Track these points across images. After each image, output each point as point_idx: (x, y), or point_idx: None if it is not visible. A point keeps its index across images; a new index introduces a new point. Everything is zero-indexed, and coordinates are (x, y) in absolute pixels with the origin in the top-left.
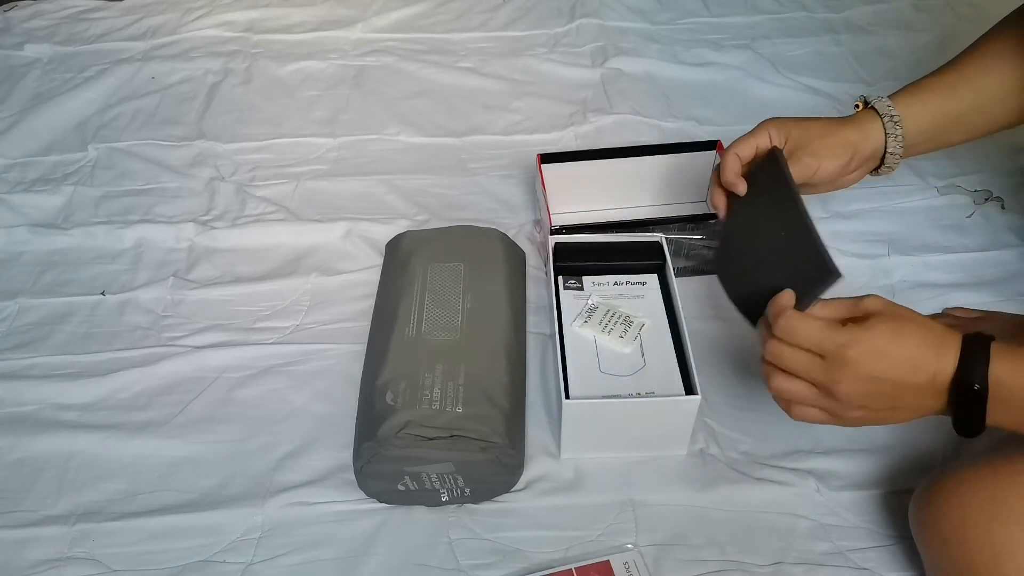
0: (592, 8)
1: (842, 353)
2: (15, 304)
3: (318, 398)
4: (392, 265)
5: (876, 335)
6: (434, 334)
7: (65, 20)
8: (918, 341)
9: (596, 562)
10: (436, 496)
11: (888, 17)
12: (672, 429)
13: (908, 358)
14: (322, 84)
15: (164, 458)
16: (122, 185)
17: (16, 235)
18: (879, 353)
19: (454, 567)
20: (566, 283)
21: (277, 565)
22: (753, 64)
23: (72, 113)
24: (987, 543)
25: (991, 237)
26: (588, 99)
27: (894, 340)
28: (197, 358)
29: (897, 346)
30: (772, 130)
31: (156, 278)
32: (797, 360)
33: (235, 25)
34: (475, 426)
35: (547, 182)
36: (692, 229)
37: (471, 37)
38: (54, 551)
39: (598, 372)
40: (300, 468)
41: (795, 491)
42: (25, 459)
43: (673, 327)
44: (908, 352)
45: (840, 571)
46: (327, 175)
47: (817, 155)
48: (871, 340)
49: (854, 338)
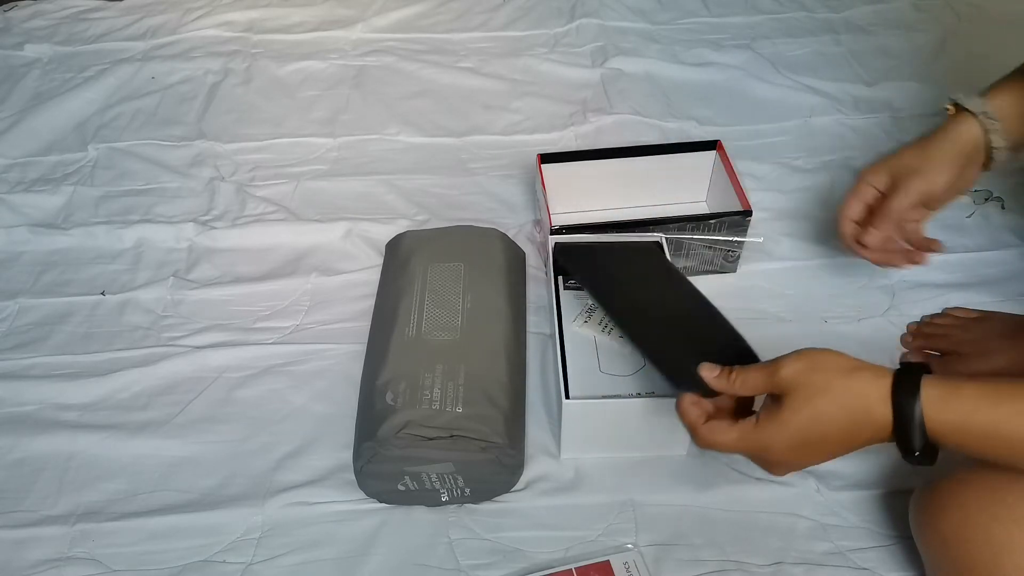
0: (592, 8)
1: (765, 457)
2: (15, 304)
3: (318, 398)
4: (392, 265)
5: (789, 431)
6: (434, 334)
7: (65, 20)
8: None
9: (596, 562)
10: (436, 496)
11: (888, 17)
12: (672, 429)
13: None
14: (322, 84)
15: (164, 458)
16: (122, 185)
17: (16, 235)
18: (799, 446)
19: (454, 567)
20: (566, 283)
21: (277, 565)
22: (753, 64)
23: (72, 113)
24: (986, 542)
25: (991, 237)
26: (588, 99)
27: (811, 426)
28: (197, 358)
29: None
30: (872, 179)
31: (156, 278)
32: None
33: (235, 25)
34: (475, 426)
35: (547, 182)
36: (692, 229)
37: (471, 37)
38: (54, 551)
39: (598, 372)
40: (300, 468)
41: (795, 491)
42: (25, 459)
43: None
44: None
45: (840, 571)
46: (327, 175)
47: (926, 177)
48: (786, 438)
49: (771, 440)
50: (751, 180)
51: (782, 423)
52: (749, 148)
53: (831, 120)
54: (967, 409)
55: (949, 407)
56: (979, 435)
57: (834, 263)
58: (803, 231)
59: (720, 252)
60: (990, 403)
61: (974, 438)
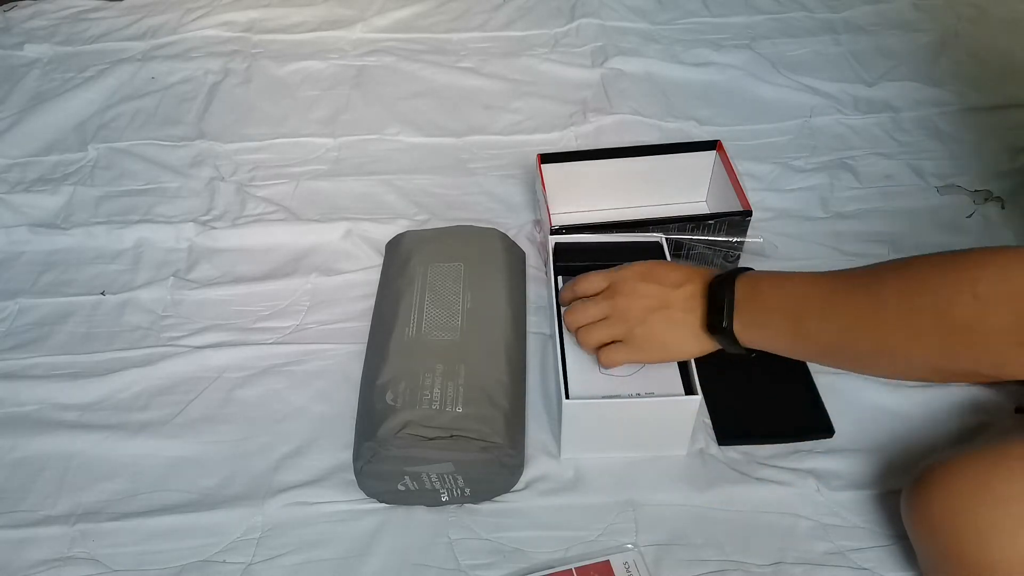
0: (592, 8)
1: (614, 277)
2: (15, 304)
3: (318, 398)
4: (392, 265)
5: (637, 266)
6: (434, 334)
7: (65, 20)
8: (672, 267)
9: (596, 562)
10: (436, 496)
11: (888, 17)
12: (672, 429)
13: (667, 277)
14: (322, 84)
15: (164, 458)
16: (122, 185)
17: (16, 235)
18: (643, 275)
19: (454, 567)
20: (566, 283)
21: (277, 565)
22: (753, 64)
23: (72, 113)
24: (974, 527)
25: (991, 237)
26: (588, 99)
27: (653, 267)
28: (197, 358)
29: (656, 269)
30: None
31: (156, 278)
32: (588, 308)
33: (235, 25)
34: (475, 426)
35: (547, 182)
36: (692, 229)
37: (471, 37)
38: (54, 551)
39: (598, 372)
40: (300, 468)
41: (795, 491)
42: (25, 459)
43: None
44: (665, 273)
45: (840, 571)
46: (327, 175)
47: None
48: (635, 268)
49: (622, 270)
50: (751, 180)
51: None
52: (749, 148)
53: (831, 120)
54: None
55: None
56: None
57: (834, 263)
58: (803, 231)
59: (720, 252)
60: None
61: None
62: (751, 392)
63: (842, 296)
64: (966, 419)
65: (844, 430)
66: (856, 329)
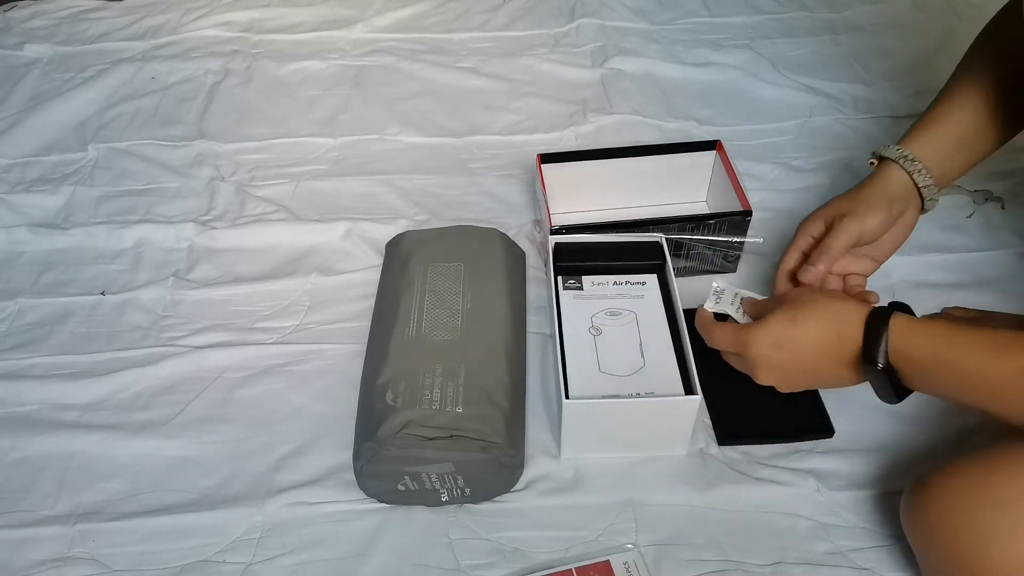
0: (592, 8)
1: (746, 352)
2: (15, 304)
3: (318, 398)
4: (392, 265)
5: (769, 330)
6: (434, 334)
7: (65, 20)
8: (814, 326)
9: (596, 562)
10: (436, 496)
11: (888, 17)
12: (672, 429)
13: (809, 343)
14: (322, 84)
15: (164, 458)
16: (122, 185)
17: (16, 235)
18: (776, 345)
19: (454, 567)
20: (566, 283)
21: (277, 565)
22: (753, 64)
23: (72, 113)
24: (972, 528)
25: (991, 237)
26: (588, 99)
27: (789, 328)
28: (197, 358)
29: (793, 334)
30: (808, 228)
31: (156, 278)
32: (729, 357)
33: (235, 25)
34: (475, 426)
35: (547, 182)
36: (692, 229)
37: (471, 37)
38: (54, 551)
39: (598, 372)
40: (300, 468)
41: (795, 491)
42: (25, 459)
43: (673, 327)
44: (806, 337)
45: (840, 571)
46: (327, 175)
47: (858, 217)
48: (765, 336)
49: (751, 337)
50: (751, 180)
51: (764, 323)
52: (749, 148)
53: (831, 120)
54: (928, 334)
55: (913, 330)
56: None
57: None
58: None
59: (720, 252)
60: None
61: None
62: (751, 392)
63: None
64: (966, 420)
65: (844, 430)
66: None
